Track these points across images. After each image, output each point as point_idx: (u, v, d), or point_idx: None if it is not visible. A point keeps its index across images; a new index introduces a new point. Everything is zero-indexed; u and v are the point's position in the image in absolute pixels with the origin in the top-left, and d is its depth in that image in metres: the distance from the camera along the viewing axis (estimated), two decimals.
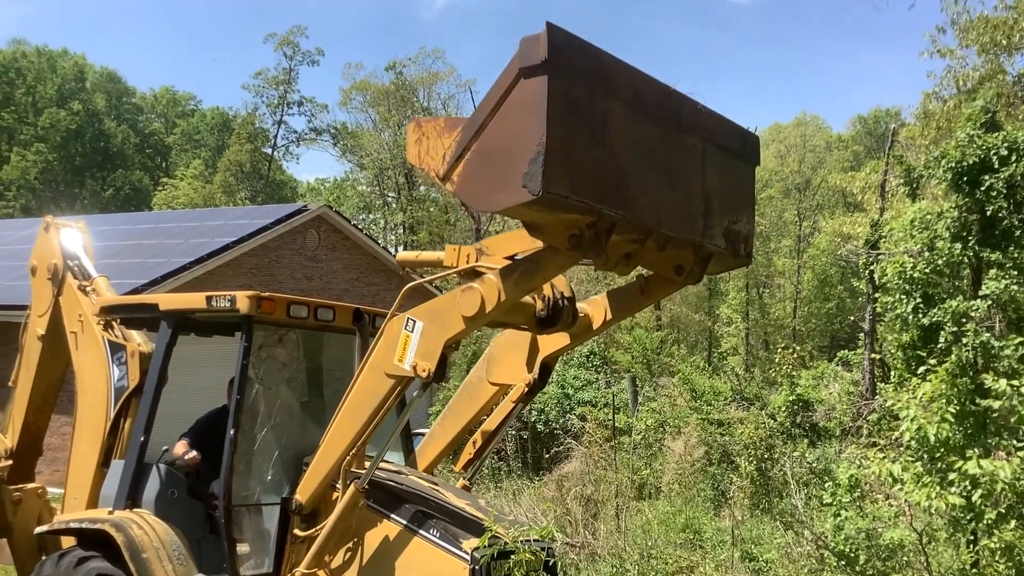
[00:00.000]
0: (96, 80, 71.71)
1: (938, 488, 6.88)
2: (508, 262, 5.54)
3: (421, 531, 6.04)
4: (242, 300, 6.53)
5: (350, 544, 6.26)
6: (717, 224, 5.46)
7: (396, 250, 51.41)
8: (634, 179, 4.83)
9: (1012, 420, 7.10)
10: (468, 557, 5.78)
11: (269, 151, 65.36)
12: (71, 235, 8.72)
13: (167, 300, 7.34)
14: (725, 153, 5.50)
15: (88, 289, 8.21)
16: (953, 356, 7.80)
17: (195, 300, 6.98)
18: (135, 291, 17.43)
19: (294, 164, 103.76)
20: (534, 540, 5.71)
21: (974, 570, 7.62)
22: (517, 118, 4.36)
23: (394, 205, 55.79)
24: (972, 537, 7.56)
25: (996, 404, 6.98)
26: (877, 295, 15.23)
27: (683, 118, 5.15)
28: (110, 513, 6.93)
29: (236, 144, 60.27)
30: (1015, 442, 7.32)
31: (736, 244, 5.68)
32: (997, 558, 7.21)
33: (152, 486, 7.05)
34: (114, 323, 7.78)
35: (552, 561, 5.92)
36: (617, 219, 4.72)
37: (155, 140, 74.23)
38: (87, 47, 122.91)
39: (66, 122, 65.34)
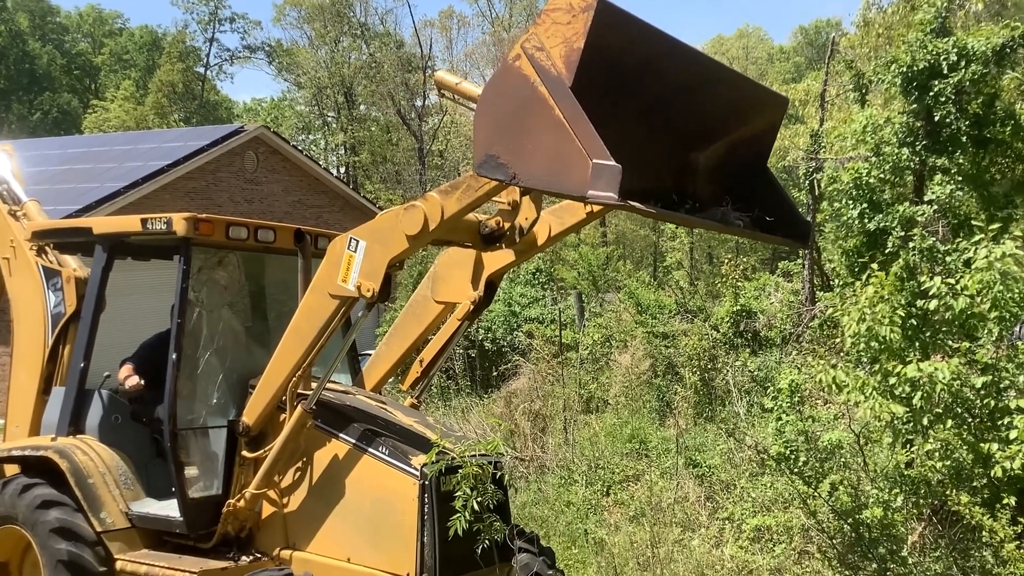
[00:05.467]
0: None
1: (880, 400, 7.03)
2: None
3: (370, 449, 6.08)
4: (179, 222, 6.40)
5: (299, 464, 6.30)
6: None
7: (337, 171, 50.80)
8: None
9: (947, 316, 7.26)
10: (417, 472, 5.85)
11: (202, 71, 63.59)
12: None
13: (101, 223, 7.18)
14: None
15: (19, 214, 7.97)
16: (901, 260, 7.93)
17: (130, 223, 6.84)
18: (68, 217, 16.97)
19: (228, 84, 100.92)
20: (481, 454, 5.78)
21: (909, 468, 7.89)
22: (556, 152, 3.96)
23: (334, 125, 54.78)
24: (909, 438, 7.81)
25: (932, 304, 7.13)
26: (820, 204, 15.41)
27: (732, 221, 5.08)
28: (53, 440, 6.87)
29: (167, 64, 58.46)
30: (951, 343, 7.52)
31: None
32: (935, 458, 7.46)
33: (95, 412, 7.00)
34: (48, 248, 7.60)
35: (500, 474, 6.01)
36: None
37: (82, 61, 71.54)
38: None
39: None
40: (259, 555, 6.43)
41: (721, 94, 5.15)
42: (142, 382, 6.91)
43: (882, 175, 11.02)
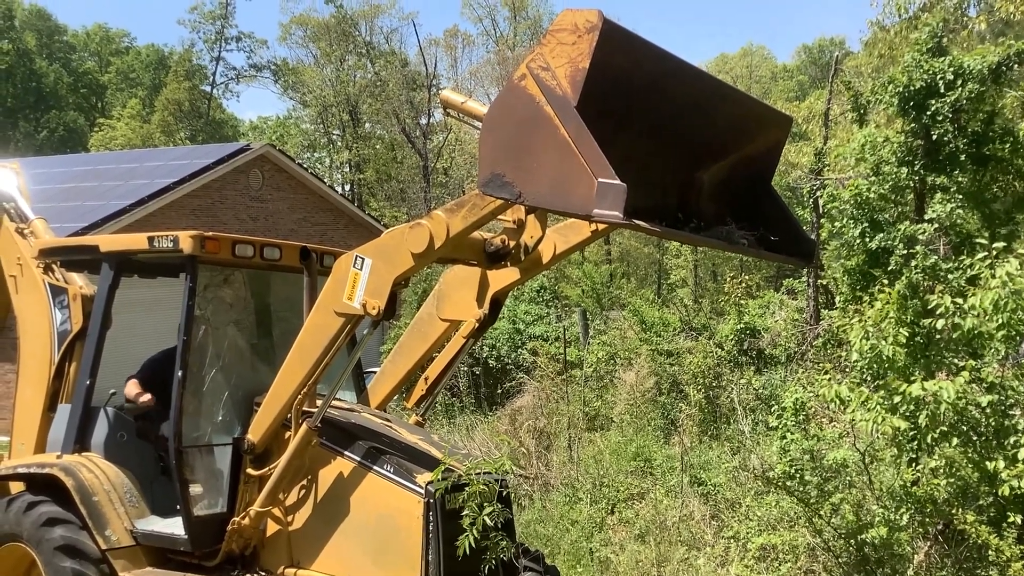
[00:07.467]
0: (25, 18, 69.00)
1: (883, 413, 7.01)
2: None
3: (375, 467, 6.08)
4: (185, 240, 6.43)
5: (304, 482, 6.29)
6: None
7: (342, 189, 50.91)
8: None
9: (955, 336, 7.25)
10: (422, 491, 5.84)
11: (208, 89, 63.83)
12: (5, 176, 8.45)
13: (108, 241, 7.22)
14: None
15: (26, 232, 8.00)
16: (904, 278, 7.93)
17: (137, 241, 6.86)
18: (74, 235, 17.02)
19: (234, 102, 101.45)
20: (487, 472, 5.78)
21: (915, 487, 7.86)
22: (561, 171, 4.01)
23: (339, 143, 54.91)
24: (914, 456, 7.78)
25: (940, 323, 7.11)
26: (822, 222, 15.40)
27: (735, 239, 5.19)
28: (58, 458, 6.87)
29: (173, 82, 58.71)
30: (957, 361, 7.49)
31: None
32: (939, 477, 7.43)
33: (101, 429, 7.01)
34: (54, 266, 7.62)
35: (506, 492, 6.00)
36: None
37: (89, 79, 71.86)
38: None
39: None
40: (263, 573, 6.42)
41: (725, 113, 5.18)
42: (153, 399, 6.91)
43: (883, 193, 11.03)
